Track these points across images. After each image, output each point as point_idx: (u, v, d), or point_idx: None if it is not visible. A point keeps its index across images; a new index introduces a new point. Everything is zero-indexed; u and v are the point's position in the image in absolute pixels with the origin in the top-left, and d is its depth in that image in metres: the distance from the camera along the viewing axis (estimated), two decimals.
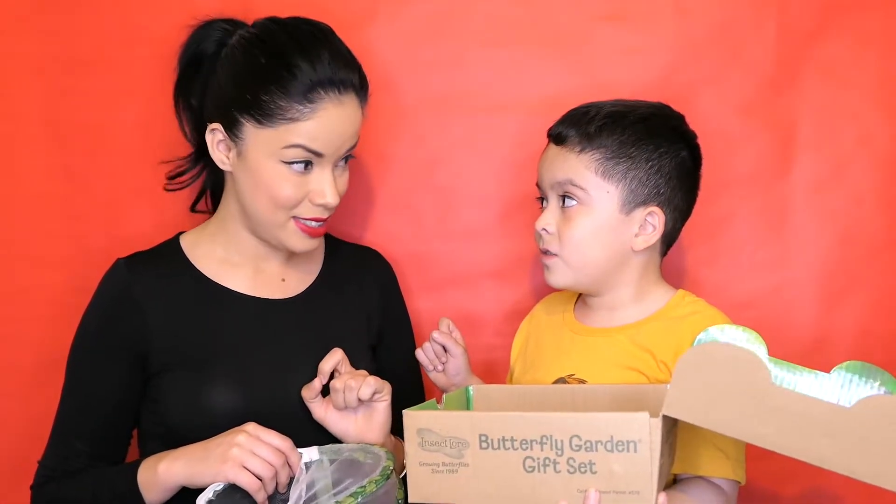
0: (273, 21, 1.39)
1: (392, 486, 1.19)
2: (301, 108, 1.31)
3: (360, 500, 1.14)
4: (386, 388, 1.36)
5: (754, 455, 1.32)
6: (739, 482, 1.29)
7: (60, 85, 1.65)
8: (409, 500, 1.21)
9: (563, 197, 1.35)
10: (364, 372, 1.37)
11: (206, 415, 1.34)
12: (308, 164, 1.34)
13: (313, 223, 1.38)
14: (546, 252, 1.37)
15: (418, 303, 1.63)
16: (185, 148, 1.58)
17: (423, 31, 1.65)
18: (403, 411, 1.20)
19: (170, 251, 1.45)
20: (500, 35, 1.64)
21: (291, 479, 1.26)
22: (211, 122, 1.38)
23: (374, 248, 1.60)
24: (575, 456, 1.11)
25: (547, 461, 1.12)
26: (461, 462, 1.16)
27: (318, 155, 1.34)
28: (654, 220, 1.35)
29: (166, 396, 1.37)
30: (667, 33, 1.62)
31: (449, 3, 1.65)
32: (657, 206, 1.34)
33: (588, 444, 1.10)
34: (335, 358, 1.36)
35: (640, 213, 1.34)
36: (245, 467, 1.23)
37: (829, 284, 1.61)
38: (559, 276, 1.37)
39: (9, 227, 1.66)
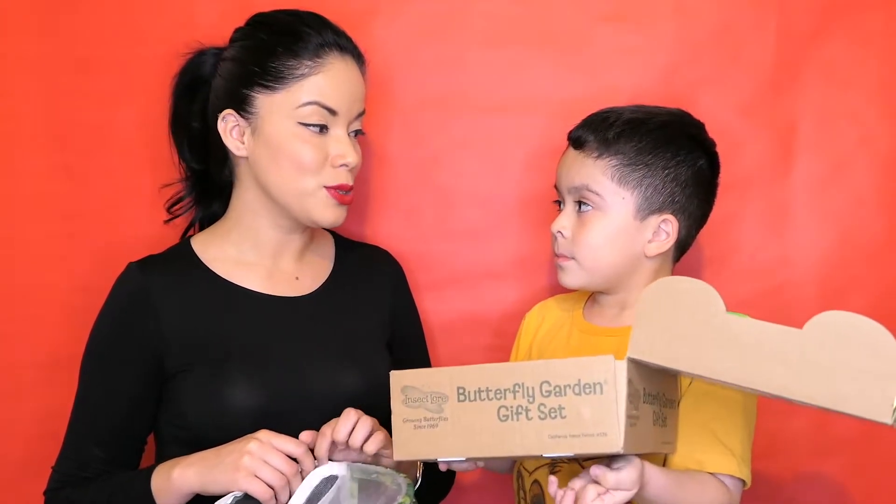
0: (270, 10, 1.43)
1: None
2: (310, 63, 1.35)
3: None
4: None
5: (755, 454, 1.32)
6: (745, 481, 1.28)
7: (60, 85, 1.65)
8: (395, 458, 1.23)
9: (580, 201, 1.36)
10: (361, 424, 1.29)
11: (225, 414, 1.34)
12: (324, 127, 1.36)
13: (342, 191, 1.39)
14: (561, 255, 1.38)
15: (418, 303, 1.63)
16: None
17: (423, 31, 1.65)
18: (391, 372, 1.23)
19: (182, 253, 1.45)
20: (500, 35, 1.64)
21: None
22: (220, 112, 1.39)
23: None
24: (545, 402, 1.13)
25: (519, 409, 1.14)
26: (441, 416, 1.19)
27: (333, 113, 1.36)
28: (667, 228, 1.35)
29: (184, 397, 1.37)
30: (667, 33, 1.62)
31: (449, 3, 1.65)
32: (671, 213, 1.35)
33: (557, 389, 1.12)
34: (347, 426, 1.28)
35: (654, 219, 1.34)
36: (257, 476, 1.23)
37: (829, 284, 1.61)
38: (572, 277, 1.38)
39: (9, 227, 1.66)
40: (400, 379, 1.22)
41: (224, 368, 1.36)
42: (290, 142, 1.35)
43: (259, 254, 1.44)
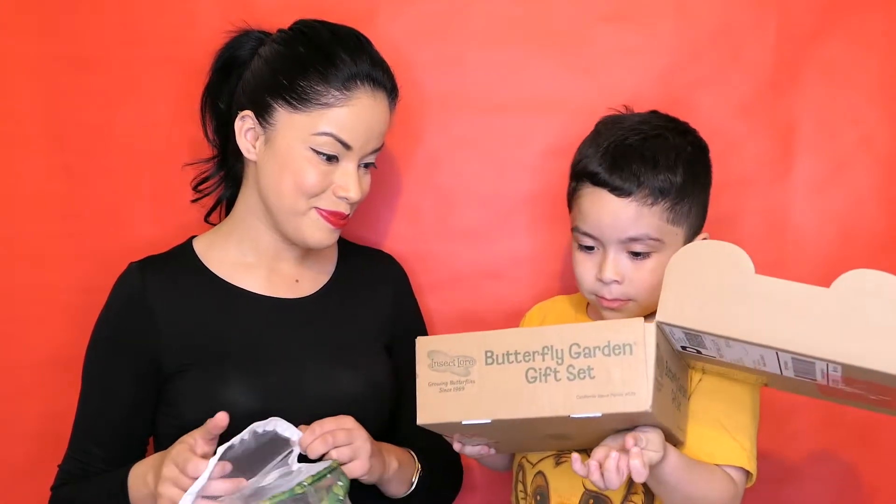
0: (314, 21, 1.42)
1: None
2: (337, 94, 1.34)
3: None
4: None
5: (756, 454, 1.32)
6: (751, 474, 1.29)
7: (60, 85, 1.65)
8: (418, 422, 1.23)
9: (632, 246, 1.32)
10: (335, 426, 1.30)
11: None
12: (334, 157, 1.36)
13: (335, 217, 1.38)
14: (615, 299, 1.33)
15: (419, 303, 1.63)
16: (186, 148, 1.58)
17: (423, 31, 1.65)
18: (417, 338, 1.24)
19: (183, 254, 1.45)
20: (500, 35, 1.64)
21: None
22: (241, 110, 1.39)
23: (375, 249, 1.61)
24: (574, 363, 1.14)
25: (548, 371, 1.15)
26: (468, 379, 1.20)
27: (347, 147, 1.36)
28: None
29: (182, 398, 1.37)
30: (667, 33, 1.62)
31: (449, 3, 1.65)
32: (704, 229, 1.37)
33: (587, 351, 1.14)
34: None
35: (696, 240, 1.34)
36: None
37: (829, 285, 1.61)
38: (629, 315, 1.33)
39: (9, 227, 1.66)
40: (426, 344, 1.23)
41: (221, 369, 1.36)
42: (299, 163, 1.35)
43: (259, 256, 1.44)
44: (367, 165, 1.41)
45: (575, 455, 1.17)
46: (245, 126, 1.39)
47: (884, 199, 1.61)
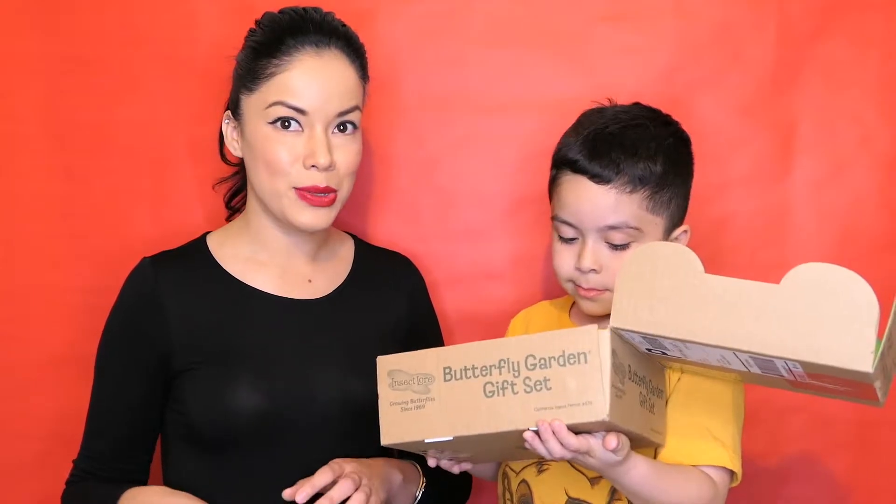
0: (276, 11, 1.41)
1: None
2: (276, 61, 1.34)
3: None
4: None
5: (754, 454, 1.32)
6: (735, 473, 1.27)
7: (60, 85, 1.65)
8: (382, 443, 1.23)
9: (611, 235, 1.31)
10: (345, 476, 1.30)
11: (230, 414, 1.33)
12: (294, 122, 1.34)
13: (313, 193, 1.35)
14: (592, 288, 1.34)
15: None
16: (186, 148, 1.59)
17: (423, 31, 1.65)
18: (378, 358, 1.24)
19: (196, 250, 1.44)
20: (501, 35, 1.64)
21: None
22: (224, 113, 1.42)
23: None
24: (531, 375, 1.13)
25: (505, 384, 1.15)
26: (427, 397, 1.19)
27: (301, 112, 1.34)
28: (685, 238, 1.36)
29: (190, 396, 1.36)
30: (667, 33, 1.62)
31: (449, 3, 1.65)
32: (685, 223, 1.36)
33: (542, 362, 1.13)
34: (325, 478, 1.29)
35: (676, 233, 1.35)
36: None
37: None
38: (607, 306, 1.31)
39: (9, 227, 1.66)
40: (386, 364, 1.23)
41: (229, 369, 1.36)
42: (262, 143, 1.35)
43: (270, 254, 1.44)
44: (342, 129, 1.37)
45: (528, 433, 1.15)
46: (229, 127, 1.41)
47: (884, 199, 1.61)
